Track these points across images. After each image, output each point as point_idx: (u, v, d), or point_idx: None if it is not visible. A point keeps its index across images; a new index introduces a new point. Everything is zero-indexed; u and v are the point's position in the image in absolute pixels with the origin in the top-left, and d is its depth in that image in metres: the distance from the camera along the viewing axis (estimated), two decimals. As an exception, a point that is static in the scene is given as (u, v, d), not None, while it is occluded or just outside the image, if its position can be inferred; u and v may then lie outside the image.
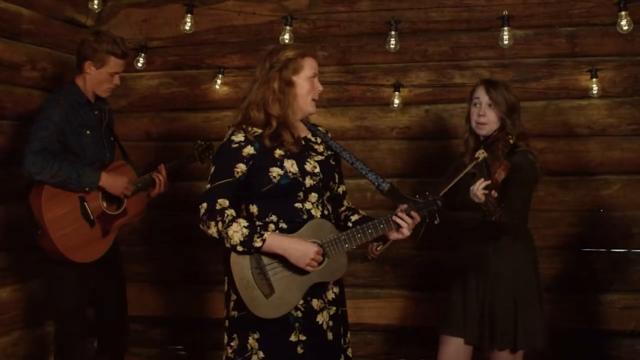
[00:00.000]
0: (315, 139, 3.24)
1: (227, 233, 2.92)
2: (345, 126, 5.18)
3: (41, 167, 3.85)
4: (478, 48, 4.95)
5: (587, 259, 4.88)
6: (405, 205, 3.12)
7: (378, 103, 5.12)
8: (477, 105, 3.71)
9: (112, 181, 4.05)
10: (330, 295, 3.17)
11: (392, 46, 4.73)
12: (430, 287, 4.98)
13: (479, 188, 3.29)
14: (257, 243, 2.93)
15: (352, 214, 3.30)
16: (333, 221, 3.22)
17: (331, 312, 3.15)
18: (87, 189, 3.96)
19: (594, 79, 4.70)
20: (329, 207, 3.20)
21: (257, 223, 3.04)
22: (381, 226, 3.10)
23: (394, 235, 3.14)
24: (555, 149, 4.86)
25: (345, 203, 3.35)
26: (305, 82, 3.12)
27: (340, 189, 3.31)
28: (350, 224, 3.25)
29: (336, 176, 3.25)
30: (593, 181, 4.86)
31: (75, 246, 3.96)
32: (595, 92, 4.71)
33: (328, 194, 3.19)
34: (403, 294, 5.10)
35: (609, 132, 4.82)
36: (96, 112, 4.17)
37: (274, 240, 2.95)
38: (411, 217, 3.10)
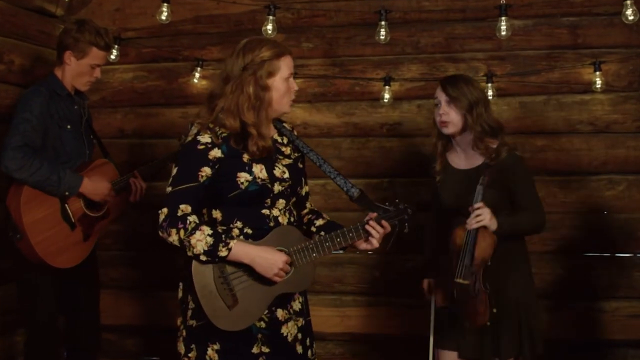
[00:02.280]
0: (282, 139, 3.17)
1: (189, 241, 2.83)
2: (332, 123, 5.12)
3: (20, 164, 3.77)
4: (474, 39, 4.90)
5: (590, 264, 4.83)
6: (375, 214, 3.08)
7: (367, 98, 5.07)
8: (438, 105, 3.71)
9: (93, 187, 3.97)
10: (297, 305, 3.11)
11: (382, 37, 4.65)
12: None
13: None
14: (223, 252, 2.85)
15: (316, 218, 3.26)
16: (301, 228, 3.20)
17: (299, 324, 3.10)
18: (66, 194, 3.89)
19: (598, 72, 4.64)
20: (295, 212, 3.16)
21: (220, 229, 2.95)
22: (350, 235, 3.05)
23: (362, 246, 3.09)
24: (556, 147, 4.82)
25: (308, 205, 3.31)
26: (282, 85, 3.03)
27: (303, 191, 3.24)
28: (314, 229, 3.22)
29: (303, 180, 3.19)
30: (596, 181, 4.81)
31: (56, 251, 3.90)
32: (598, 86, 4.65)
33: (294, 199, 3.14)
34: (394, 301, 5.02)
35: (613, 129, 4.77)
36: (76, 107, 4.11)
37: (240, 249, 2.87)
38: (382, 226, 3.06)
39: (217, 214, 3.00)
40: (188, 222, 2.83)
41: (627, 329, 4.73)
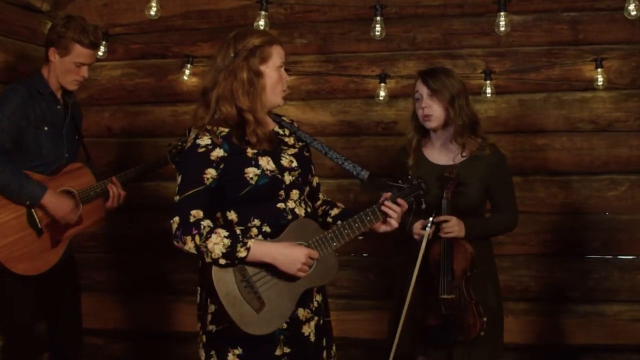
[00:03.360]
0: (284, 131, 3.14)
1: (206, 246, 2.78)
2: (326, 121, 5.08)
3: None
4: (472, 35, 4.87)
5: (591, 267, 4.80)
6: (390, 194, 3.06)
7: (362, 96, 5.04)
8: (419, 99, 3.72)
9: (55, 204, 3.82)
10: (314, 304, 3.05)
11: (377, 33, 4.62)
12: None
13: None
14: (241, 253, 2.80)
15: (331, 208, 3.21)
16: (317, 220, 3.14)
17: (314, 323, 3.04)
18: (27, 203, 3.78)
19: (599, 69, 4.62)
20: (310, 204, 3.11)
21: (238, 230, 2.90)
22: (368, 218, 3.02)
23: (382, 228, 3.07)
24: (557, 146, 4.79)
25: (320, 196, 3.27)
26: (274, 73, 3.00)
27: (314, 181, 3.21)
28: (329, 219, 3.17)
29: (312, 168, 3.16)
30: (598, 181, 4.78)
31: (19, 257, 3.78)
32: (600, 83, 4.62)
33: (308, 189, 3.10)
34: (390, 305, 4.63)
35: (615, 128, 4.74)
36: (59, 107, 4.01)
37: (259, 249, 2.83)
38: (398, 205, 3.04)
39: (232, 216, 2.94)
40: (202, 227, 2.80)
41: (629, 334, 4.70)
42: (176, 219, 2.81)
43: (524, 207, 4.51)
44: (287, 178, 2.96)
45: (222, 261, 2.78)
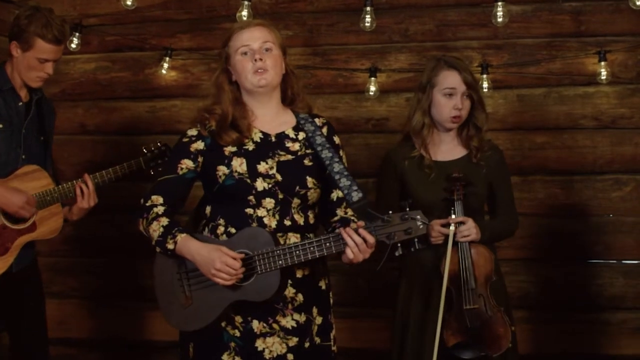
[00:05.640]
0: (297, 135, 3.11)
1: (148, 231, 2.98)
2: None
3: None
4: (467, 26, 4.83)
5: (595, 272, 4.75)
6: (363, 223, 2.87)
7: (351, 90, 4.99)
8: (452, 95, 3.50)
9: (6, 196, 3.66)
10: (287, 322, 2.99)
11: (367, 24, 4.59)
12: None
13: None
14: (170, 245, 2.93)
15: (341, 226, 3.02)
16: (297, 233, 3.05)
17: (290, 344, 2.98)
18: None
19: (603, 63, 4.56)
20: (301, 216, 3.03)
21: (210, 225, 3.05)
22: (327, 244, 2.88)
23: (343, 259, 2.92)
24: (558, 144, 4.74)
25: (339, 212, 3.14)
26: (238, 57, 3.09)
27: (334, 196, 3.13)
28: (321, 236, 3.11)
29: (309, 180, 3.04)
30: (601, 181, 4.74)
31: None
32: (603, 77, 4.56)
33: (298, 201, 3.02)
34: (379, 312, 4.81)
35: (619, 125, 4.68)
36: (20, 104, 3.87)
37: (184, 244, 2.92)
38: (362, 237, 2.82)
39: (207, 210, 3.09)
40: (151, 212, 2.97)
41: (636, 343, 4.66)
42: (141, 200, 3.02)
43: (523, 208, 4.46)
44: (260, 185, 2.96)
45: (157, 249, 2.95)
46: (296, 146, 3.08)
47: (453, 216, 3.32)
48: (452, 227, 3.29)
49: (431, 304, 3.44)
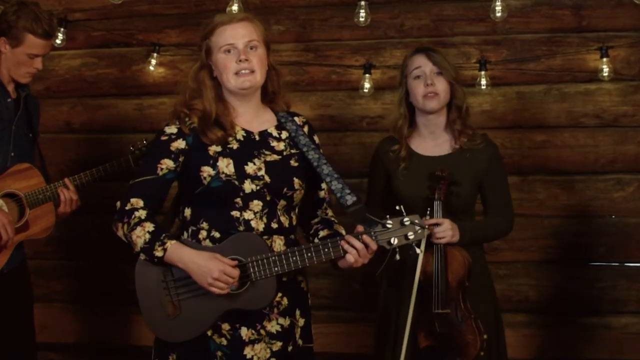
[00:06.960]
0: (280, 134, 3.07)
1: (131, 237, 2.88)
2: (306, 115, 4.88)
3: None
4: (465, 21, 4.79)
5: (596, 275, 4.71)
6: (362, 228, 2.89)
7: (345, 88, 4.96)
8: (420, 76, 3.53)
9: None
10: (273, 327, 2.96)
11: (361, 19, 4.61)
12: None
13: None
14: (158, 252, 2.84)
15: (323, 228, 3.10)
16: (309, 238, 3.13)
17: (274, 348, 2.95)
18: None
19: (605, 59, 4.52)
20: (286, 218, 3.01)
21: (190, 229, 2.98)
22: (325, 250, 2.87)
23: (340, 263, 2.90)
24: (558, 142, 4.71)
25: (319, 213, 3.17)
26: (220, 55, 3.02)
27: (319, 195, 3.16)
28: (317, 240, 3.06)
29: (296, 181, 3.01)
30: (603, 181, 4.70)
31: None
32: (605, 74, 4.51)
33: (284, 202, 2.99)
34: (375, 317, 4.60)
35: (622, 123, 4.64)
36: (9, 100, 3.87)
37: (175, 252, 2.84)
38: (364, 243, 2.84)
39: (187, 213, 3.01)
40: (133, 217, 2.88)
41: (638, 349, 4.62)
42: (118, 203, 2.92)
43: (523, 209, 4.49)
44: (248, 186, 2.92)
45: (142, 256, 2.87)
46: (281, 146, 3.06)
47: (428, 217, 3.29)
48: (425, 229, 3.19)
49: (408, 303, 3.40)
